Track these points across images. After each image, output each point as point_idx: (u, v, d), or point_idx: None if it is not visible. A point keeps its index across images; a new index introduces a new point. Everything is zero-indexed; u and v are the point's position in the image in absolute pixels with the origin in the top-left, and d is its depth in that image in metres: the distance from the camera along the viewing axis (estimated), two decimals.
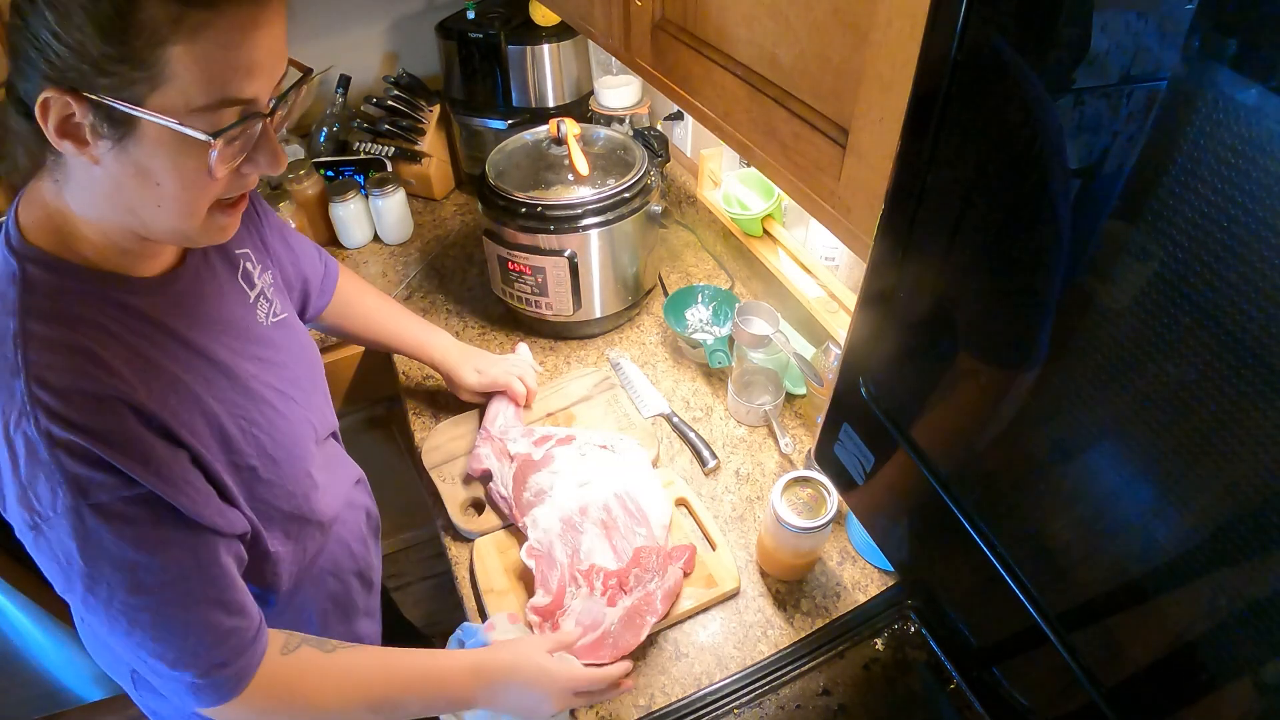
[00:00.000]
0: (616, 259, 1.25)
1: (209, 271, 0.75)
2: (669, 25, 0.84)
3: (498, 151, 1.29)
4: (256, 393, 0.74)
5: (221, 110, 0.55)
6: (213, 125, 0.55)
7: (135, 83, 0.51)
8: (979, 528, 0.50)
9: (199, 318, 0.71)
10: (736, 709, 0.86)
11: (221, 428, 0.69)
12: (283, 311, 0.85)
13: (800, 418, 1.19)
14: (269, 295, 0.83)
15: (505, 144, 1.30)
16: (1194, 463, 0.34)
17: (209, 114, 0.54)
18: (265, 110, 0.58)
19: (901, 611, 0.92)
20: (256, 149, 0.60)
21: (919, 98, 0.45)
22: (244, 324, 0.77)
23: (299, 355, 0.85)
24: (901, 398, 0.57)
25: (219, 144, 0.55)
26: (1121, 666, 0.42)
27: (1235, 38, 0.28)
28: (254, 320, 0.79)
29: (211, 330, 0.72)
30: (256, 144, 0.59)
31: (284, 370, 0.80)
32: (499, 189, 1.20)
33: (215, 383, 0.70)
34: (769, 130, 0.70)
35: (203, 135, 0.54)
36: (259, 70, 0.55)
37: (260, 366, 0.77)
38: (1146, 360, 0.35)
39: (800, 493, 0.91)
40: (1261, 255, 0.28)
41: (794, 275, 1.22)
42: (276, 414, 0.76)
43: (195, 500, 0.64)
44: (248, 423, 0.72)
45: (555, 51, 1.54)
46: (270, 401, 0.76)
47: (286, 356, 0.82)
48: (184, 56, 0.51)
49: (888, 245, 0.52)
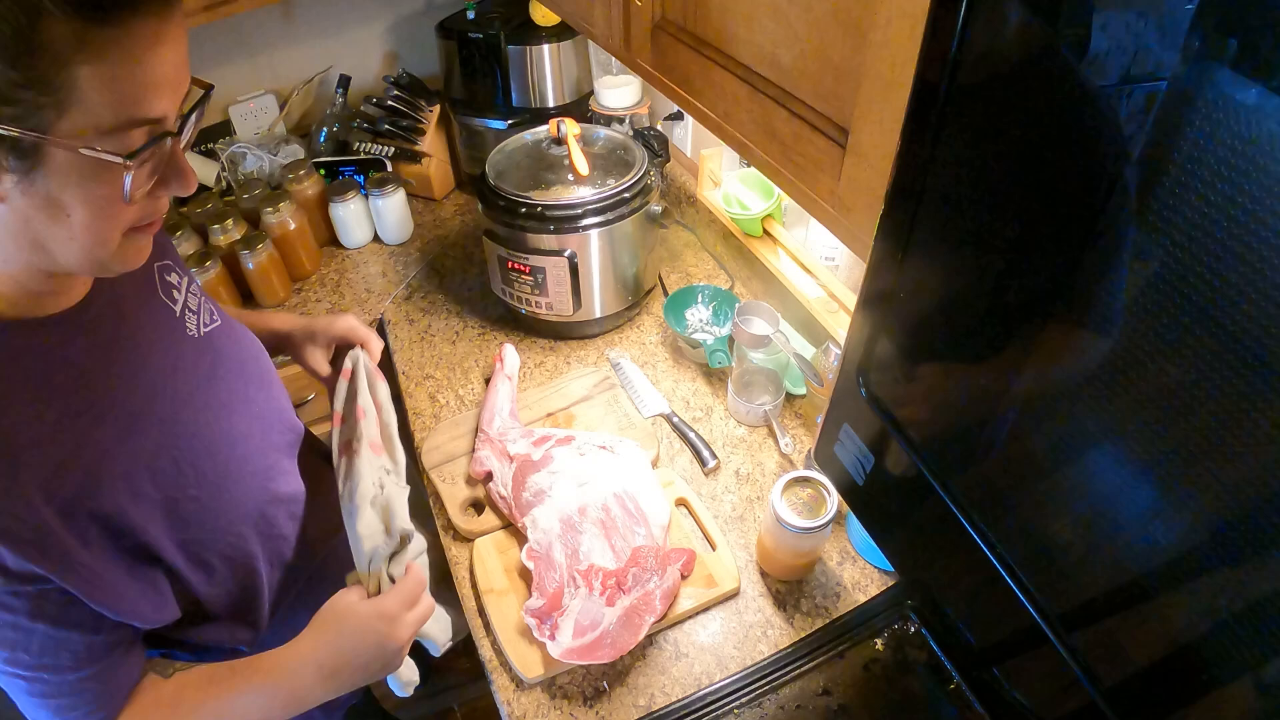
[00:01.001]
0: (616, 259, 1.25)
1: (124, 291, 0.72)
2: (669, 25, 0.84)
3: (498, 151, 1.29)
4: (190, 416, 0.73)
5: (131, 131, 0.53)
6: (124, 147, 0.53)
7: (42, 108, 0.49)
8: (979, 528, 0.50)
9: (118, 344, 0.68)
10: (736, 709, 0.86)
11: (152, 468, 0.68)
12: (216, 319, 0.82)
13: (800, 418, 1.19)
14: (195, 306, 0.80)
15: (505, 144, 1.30)
16: (1194, 463, 0.34)
17: (119, 136, 0.52)
18: (173, 129, 0.56)
19: (901, 611, 0.92)
20: (167, 170, 0.58)
21: (919, 98, 0.45)
22: (172, 339, 0.75)
23: (242, 362, 0.83)
24: (902, 398, 0.57)
25: (132, 166, 0.53)
26: (1121, 666, 0.42)
27: (1235, 38, 0.28)
28: (183, 333, 0.76)
29: (135, 355, 0.70)
30: (166, 165, 0.58)
31: (224, 381, 0.79)
32: (499, 189, 1.20)
33: (141, 419, 0.68)
34: (769, 130, 0.70)
35: (116, 158, 0.52)
36: (165, 87, 0.54)
37: (197, 381, 0.75)
38: (1146, 360, 0.35)
39: (800, 493, 0.91)
40: (1261, 255, 0.28)
41: (794, 275, 1.22)
42: (218, 430, 0.75)
43: (108, 594, 0.64)
44: (179, 452, 0.71)
45: (555, 51, 1.54)
46: (210, 420, 0.74)
47: (228, 365, 0.80)
48: (90, 77, 0.49)
49: (888, 245, 0.52)
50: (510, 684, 0.90)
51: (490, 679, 0.92)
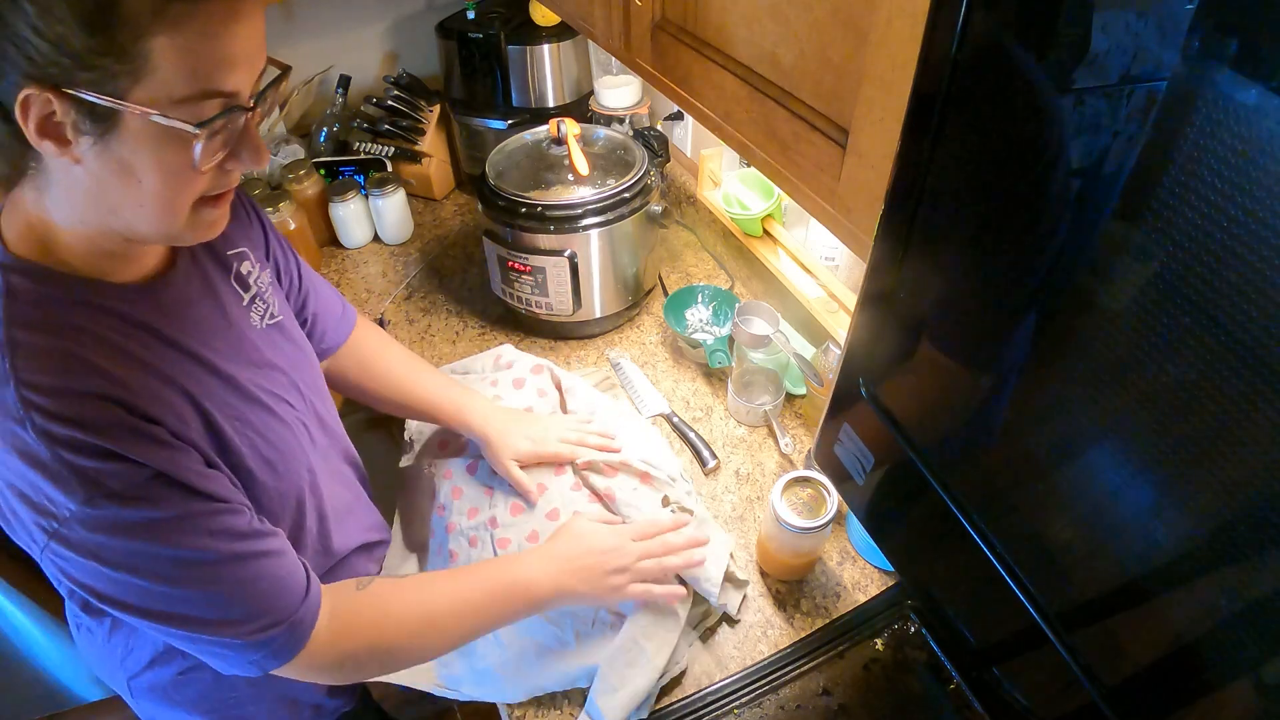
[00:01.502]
0: (616, 259, 1.25)
1: (198, 273, 0.74)
2: (669, 25, 0.84)
3: (498, 151, 1.29)
4: (250, 394, 0.74)
5: (204, 102, 0.55)
6: (195, 117, 0.55)
7: (118, 76, 0.51)
8: (979, 527, 0.50)
9: (186, 321, 0.70)
10: (736, 709, 0.86)
11: (216, 427, 0.68)
12: (279, 314, 0.84)
13: (800, 418, 1.19)
14: (265, 297, 0.82)
15: (505, 144, 1.30)
16: (1194, 463, 0.34)
17: (191, 106, 0.54)
18: (247, 104, 0.58)
19: (901, 611, 0.92)
20: (239, 144, 0.60)
21: (919, 98, 0.45)
22: (237, 327, 0.76)
23: (295, 360, 0.84)
24: (901, 398, 0.57)
25: (202, 135, 0.55)
26: (1121, 666, 0.42)
27: (1235, 38, 0.28)
28: (247, 324, 0.78)
29: (200, 334, 0.71)
30: (239, 139, 0.59)
31: (279, 375, 0.80)
32: (499, 189, 1.20)
33: (206, 383, 0.69)
34: (769, 130, 0.70)
35: (187, 127, 0.54)
36: (240, 63, 0.55)
37: (254, 371, 0.76)
38: (1146, 360, 0.35)
39: (800, 493, 0.91)
40: (1262, 255, 0.28)
41: (794, 275, 1.22)
42: (272, 417, 0.76)
43: (206, 477, 0.64)
44: (242, 424, 0.71)
45: (555, 51, 1.54)
46: (265, 405, 0.75)
47: (282, 360, 0.81)
48: (166, 48, 0.51)
49: (888, 245, 0.52)
50: None
51: None
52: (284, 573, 0.68)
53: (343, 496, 0.91)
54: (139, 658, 0.82)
